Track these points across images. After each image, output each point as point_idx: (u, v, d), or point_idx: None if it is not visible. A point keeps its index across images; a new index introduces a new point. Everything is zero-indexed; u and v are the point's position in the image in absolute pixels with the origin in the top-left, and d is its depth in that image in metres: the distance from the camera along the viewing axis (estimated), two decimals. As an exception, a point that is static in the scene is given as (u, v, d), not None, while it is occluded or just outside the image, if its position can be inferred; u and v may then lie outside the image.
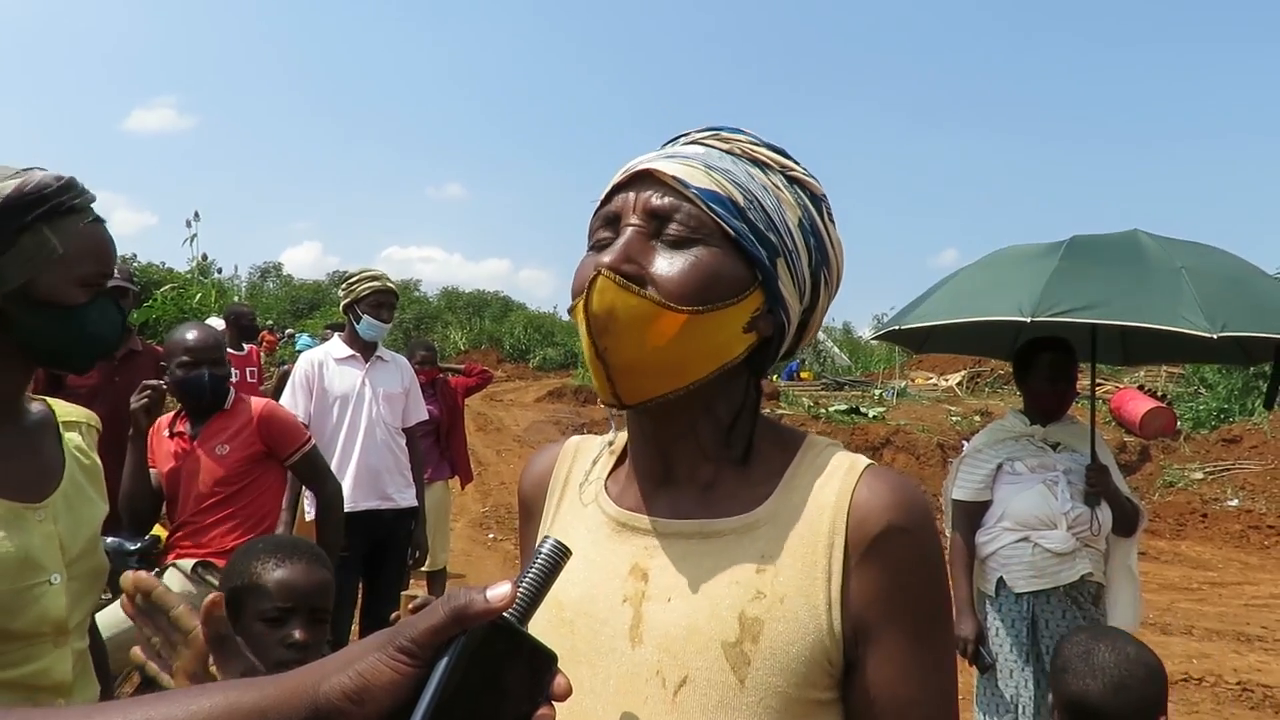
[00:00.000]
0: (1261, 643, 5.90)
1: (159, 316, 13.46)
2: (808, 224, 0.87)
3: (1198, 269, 2.74)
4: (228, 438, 2.93)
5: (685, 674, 0.80)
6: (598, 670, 0.84)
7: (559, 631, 0.87)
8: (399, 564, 4.04)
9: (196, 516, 2.90)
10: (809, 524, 0.83)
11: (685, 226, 0.82)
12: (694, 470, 0.88)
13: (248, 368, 6.12)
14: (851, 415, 13.39)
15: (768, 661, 0.79)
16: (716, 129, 0.89)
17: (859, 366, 24.59)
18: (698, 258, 0.81)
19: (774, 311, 0.86)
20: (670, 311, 0.80)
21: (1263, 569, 8.23)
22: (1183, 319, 2.57)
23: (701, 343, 0.82)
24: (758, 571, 0.82)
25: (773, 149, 0.89)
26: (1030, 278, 2.88)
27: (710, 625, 0.81)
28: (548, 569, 0.62)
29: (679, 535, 0.86)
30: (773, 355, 0.90)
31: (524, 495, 1.03)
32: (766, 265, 0.84)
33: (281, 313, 32.93)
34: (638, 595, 0.85)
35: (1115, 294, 2.72)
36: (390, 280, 4.08)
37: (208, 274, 19.25)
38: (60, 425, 1.44)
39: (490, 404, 16.88)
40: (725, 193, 0.83)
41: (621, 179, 0.87)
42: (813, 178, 0.90)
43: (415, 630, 0.56)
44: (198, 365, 2.88)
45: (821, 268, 0.89)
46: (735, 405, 0.89)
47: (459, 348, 28.10)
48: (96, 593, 1.45)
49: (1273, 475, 10.65)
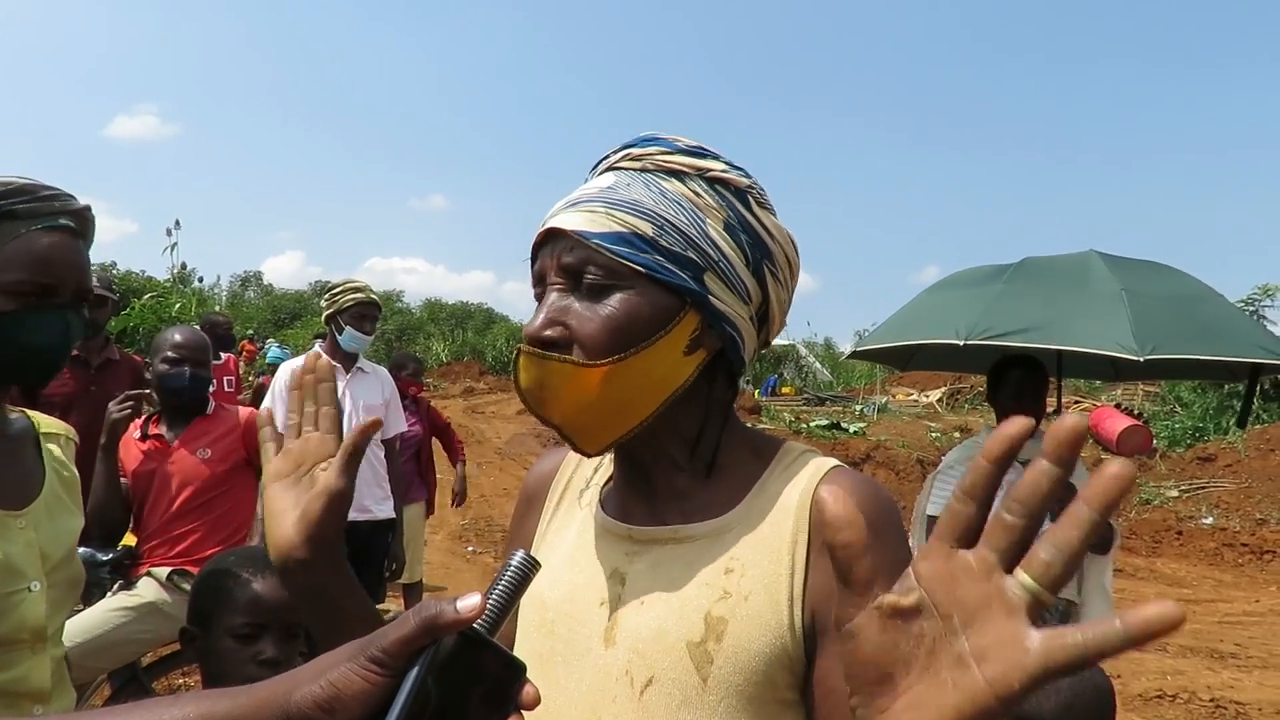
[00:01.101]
0: (1235, 660, 5.95)
1: (137, 325, 13.35)
2: (735, 222, 0.87)
3: (1140, 291, 2.78)
4: (210, 442, 2.91)
5: (652, 674, 0.82)
6: (573, 671, 0.87)
7: (541, 632, 0.90)
8: (375, 576, 4.03)
9: (172, 523, 2.87)
10: (775, 525, 0.85)
11: (598, 277, 0.83)
12: (670, 482, 0.91)
13: (225, 377, 6.09)
14: (832, 430, 13.47)
15: (730, 660, 0.80)
16: (629, 146, 0.90)
17: (840, 382, 24.71)
18: (612, 306, 0.83)
19: (715, 326, 0.86)
20: (591, 369, 0.82)
21: (1236, 586, 8.31)
22: (1114, 342, 2.62)
23: (638, 382, 0.84)
24: (725, 573, 0.84)
25: (688, 152, 0.88)
26: (973, 301, 2.95)
27: (677, 626, 0.83)
28: (517, 581, 0.63)
29: (655, 541, 0.89)
30: (739, 359, 0.90)
31: (528, 489, 1.05)
32: (691, 287, 0.84)
33: (262, 322, 32.77)
34: (614, 599, 0.88)
35: (1052, 317, 2.77)
36: (374, 292, 4.07)
37: (188, 282, 19.17)
38: (41, 436, 1.44)
39: (471, 416, 16.83)
40: (630, 229, 0.83)
41: (538, 238, 0.88)
42: (736, 170, 0.89)
43: (386, 640, 0.57)
44: (181, 363, 2.87)
45: (763, 261, 0.88)
46: (699, 420, 0.90)
47: (441, 359, 28.04)
48: (73, 601, 1.46)
49: (1246, 493, 10.78)
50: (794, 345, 25.95)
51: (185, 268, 19.33)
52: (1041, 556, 0.45)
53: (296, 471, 0.86)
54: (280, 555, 0.83)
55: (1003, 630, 0.46)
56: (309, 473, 0.86)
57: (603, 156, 0.92)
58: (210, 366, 2.97)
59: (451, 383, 24.15)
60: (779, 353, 25.14)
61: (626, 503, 0.93)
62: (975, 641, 0.47)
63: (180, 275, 18.99)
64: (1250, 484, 11.02)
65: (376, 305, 4.05)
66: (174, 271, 18.68)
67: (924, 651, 0.49)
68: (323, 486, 0.83)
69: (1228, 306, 3.00)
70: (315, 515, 0.82)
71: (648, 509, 0.91)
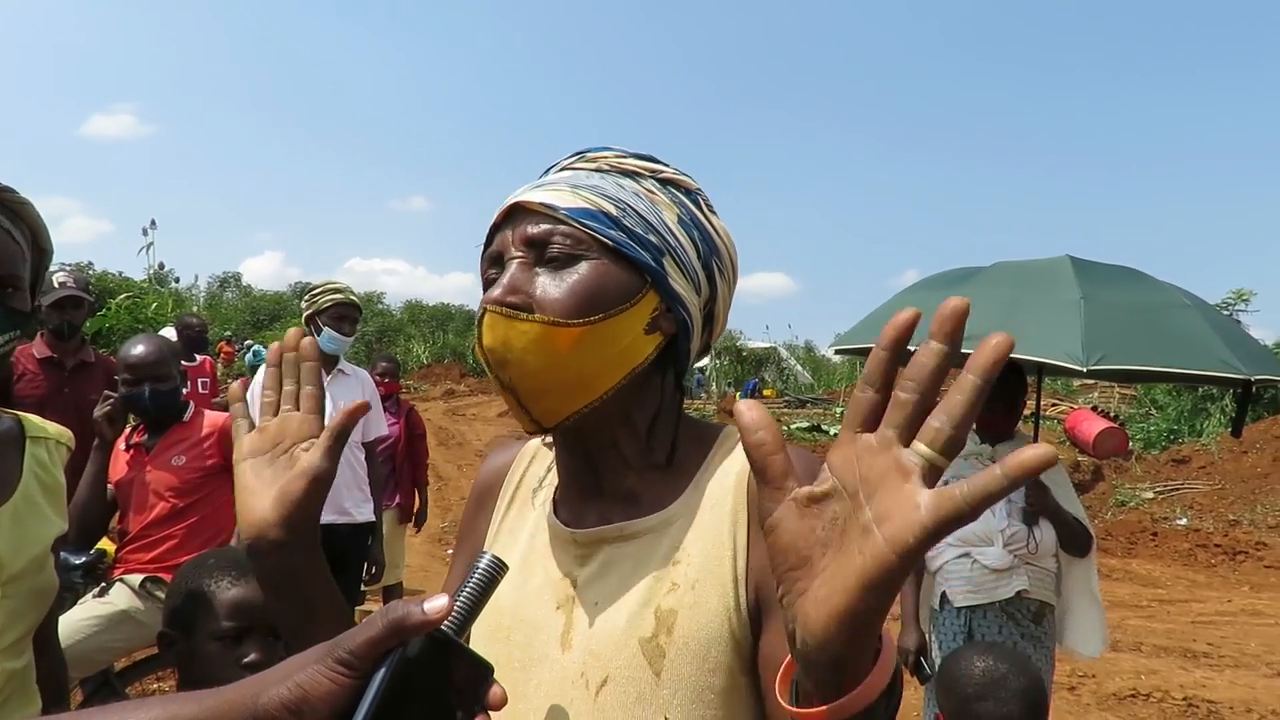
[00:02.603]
0: (1207, 659, 6.03)
1: (113, 326, 13.20)
2: (688, 219, 0.89)
3: (1101, 299, 2.80)
4: (184, 449, 2.90)
5: (606, 674, 0.82)
6: (530, 677, 0.86)
7: (497, 639, 0.89)
8: (354, 579, 4.01)
9: (149, 529, 2.87)
10: (716, 508, 0.85)
11: (564, 247, 0.83)
12: (619, 480, 0.90)
13: (200, 379, 6.03)
14: (813, 432, 13.52)
15: (682, 652, 0.80)
16: (581, 152, 0.92)
17: (821, 384, 24.81)
18: (581, 273, 0.83)
19: (673, 309, 0.87)
20: (562, 328, 0.81)
21: (1209, 586, 8.42)
22: (1061, 351, 2.65)
23: (603, 351, 0.83)
24: (672, 564, 0.84)
25: (640, 157, 0.91)
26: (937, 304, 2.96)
27: (629, 623, 0.83)
28: (484, 583, 0.63)
29: (604, 540, 0.88)
30: (685, 354, 0.91)
31: (480, 486, 1.03)
32: (653, 266, 0.85)
33: (241, 324, 32.49)
34: (569, 602, 0.87)
35: (1008, 323, 2.77)
36: (354, 293, 4.04)
37: (165, 283, 18.97)
38: (28, 440, 1.41)
39: (452, 418, 16.76)
40: (596, 206, 0.84)
41: (497, 218, 0.88)
42: (685, 175, 0.92)
43: (354, 642, 0.57)
44: (139, 382, 2.85)
45: (712, 258, 0.90)
46: (652, 411, 0.90)
47: (422, 361, 27.90)
48: (38, 612, 1.40)
49: (1219, 495, 10.93)
50: (775, 348, 26.03)
51: (162, 268, 19.17)
52: (933, 424, 0.49)
53: (274, 450, 0.84)
54: (255, 533, 0.81)
55: (899, 494, 0.50)
56: (288, 452, 0.84)
57: (554, 163, 0.93)
58: (174, 375, 2.94)
59: (432, 384, 24.03)
60: (760, 355, 25.21)
61: (575, 505, 0.92)
62: (876, 509, 0.51)
63: (157, 276, 18.80)
64: (1223, 486, 11.17)
65: (356, 307, 4.02)
66: (151, 272, 18.49)
67: (837, 531, 0.53)
68: (305, 466, 0.82)
69: (1199, 316, 3.01)
70: (296, 495, 0.81)
71: (598, 509, 0.91)
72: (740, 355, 24.55)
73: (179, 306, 16.29)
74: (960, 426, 0.49)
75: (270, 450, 0.84)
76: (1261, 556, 9.18)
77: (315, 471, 0.81)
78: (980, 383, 0.48)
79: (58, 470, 1.45)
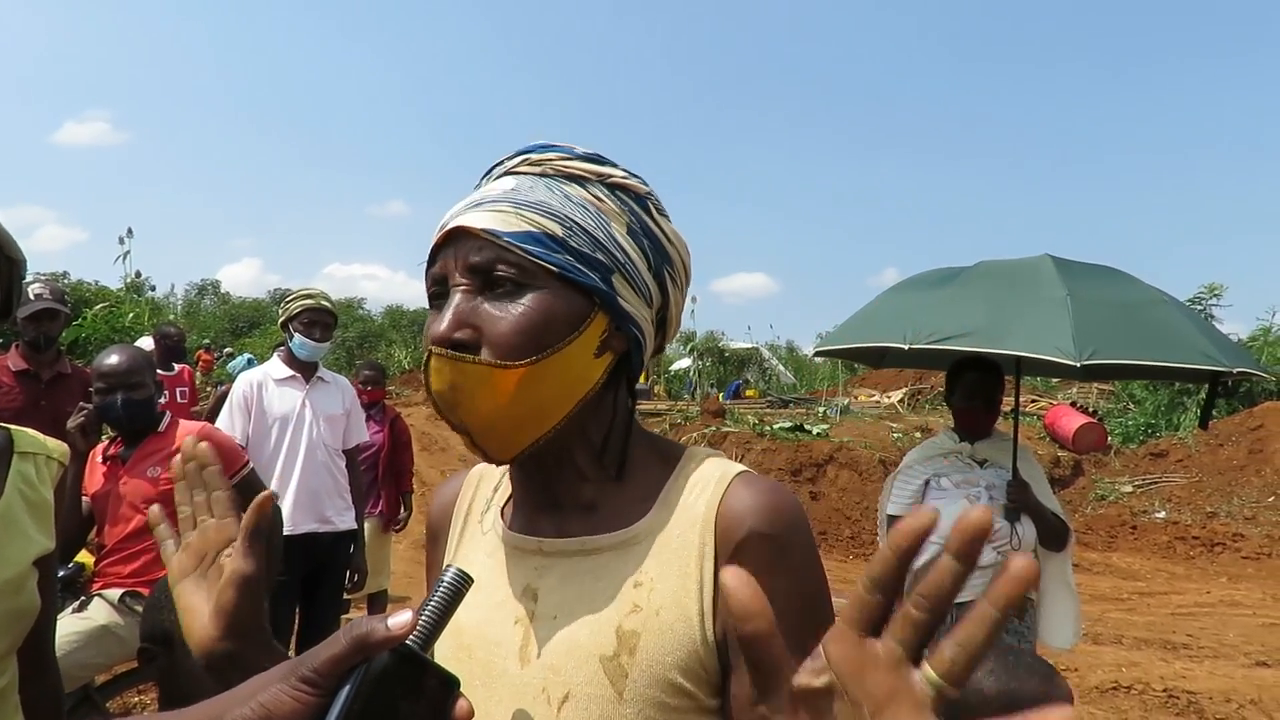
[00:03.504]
0: (1187, 650, 6.10)
1: (89, 336, 13.06)
2: (638, 227, 0.87)
3: (1086, 296, 2.83)
4: (159, 460, 2.87)
5: (568, 690, 0.81)
6: (492, 693, 0.85)
7: (458, 657, 0.88)
8: (337, 588, 3.97)
9: (126, 542, 2.84)
10: (682, 536, 0.84)
11: (508, 276, 0.81)
12: (575, 493, 0.89)
13: (178, 388, 5.96)
14: (796, 433, 13.54)
15: (645, 674, 0.80)
16: (527, 152, 0.88)
17: (803, 384, 24.88)
18: (526, 306, 0.80)
19: (623, 328, 0.86)
20: (510, 369, 0.79)
21: (1188, 579, 8.52)
22: (1053, 347, 2.67)
23: (551, 385, 0.82)
24: (635, 586, 0.83)
25: (587, 159, 0.87)
26: (924, 304, 2.98)
27: (590, 641, 0.82)
28: (449, 597, 0.63)
29: (563, 554, 0.87)
30: (638, 363, 0.90)
31: (431, 522, 1.03)
32: (602, 288, 0.83)
33: (220, 331, 32.20)
34: (527, 616, 0.86)
35: (996, 321, 2.80)
36: (327, 299, 3.99)
37: (141, 292, 18.76)
38: (15, 455, 1.38)
39: (435, 424, 16.67)
40: (540, 229, 0.81)
41: (439, 239, 0.85)
42: (635, 178, 0.89)
43: (317, 660, 0.57)
44: (111, 391, 2.82)
45: (664, 266, 0.89)
46: (606, 424, 0.89)
47: (403, 367, 27.74)
48: (16, 633, 1.36)
49: (1197, 488, 11.06)
50: (757, 348, 26.08)
51: (139, 276, 18.93)
52: (946, 654, 0.46)
53: (201, 564, 0.83)
54: (203, 652, 0.80)
55: None
56: (214, 562, 0.83)
57: (497, 162, 0.90)
58: (148, 384, 2.91)
59: (414, 390, 23.90)
60: (743, 356, 25.24)
61: (531, 516, 0.91)
62: None
63: (133, 284, 18.58)
64: (1200, 478, 11.31)
65: (329, 312, 3.96)
66: (127, 280, 18.27)
67: None
68: (230, 573, 0.80)
69: (1178, 312, 3.05)
70: (229, 605, 0.79)
71: (554, 521, 0.89)
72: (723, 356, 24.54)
73: (156, 315, 16.13)
74: (974, 660, 0.46)
75: (198, 566, 0.83)
76: (1239, 548, 9.30)
77: (241, 577, 0.79)
78: (999, 616, 0.45)
79: (45, 488, 1.42)
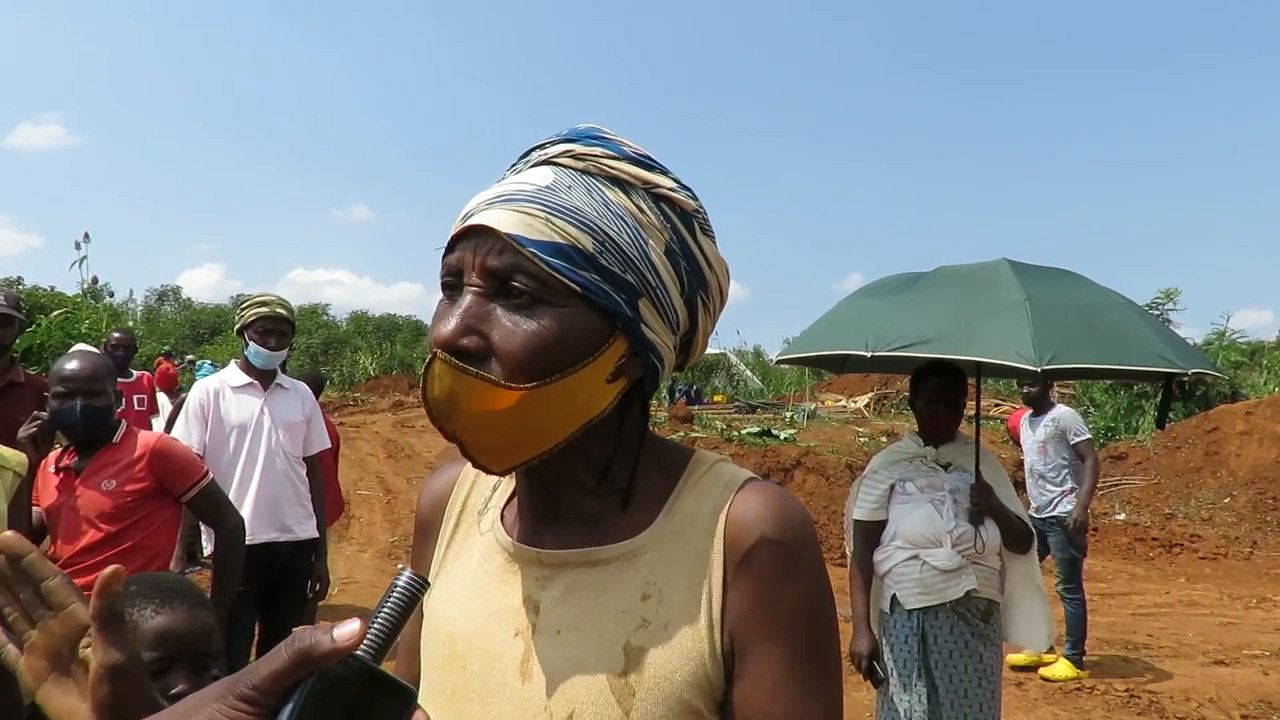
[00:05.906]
0: (1148, 650, 6.19)
1: (44, 342, 12.75)
2: (677, 247, 0.81)
3: (1045, 300, 2.85)
4: (114, 472, 2.79)
5: (572, 709, 0.78)
6: (489, 708, 0.81)
7: (452, 667, 0.84)
8: (298, 597, 3.89)
9: (80, 556, 2.74)
10: (690, 546, 0.81)
11: (527, 288, 0.75)
12: (578, 505, 0.86)
13: (136, 395, 5.83)
14: (763, 438, 13.59)
15: (652, 692, 0.77)
16: (571, 140, 0.81)
17: (771, 389, 25.00)
18: (541, 324, 0.75)
19: (641, 355, 0.81)
20: (514, 390, 0.75)
21: (1148, 579, 8.67)
22: (1013, 352, 2.69)
23: (555, 409, 0.77)
24: (643, 599, 0.80)
25: (636, 161, 0.81)
26: (884, 310, 3.00)
27: (596, 658, 0.79)
28: (403, 604, 0.59)
29: (566, 565, 0.84)
30: (651, 388, 0.86)
31: (421, 514, 0.98)
32: (626, 313, 0.78)
33: (180, 338, 31.65)
34: (529, 629, 0.82)
35: (957, 326, 2.82)
36: (284, 306, 3.90)
37: (99, 298, 18.39)
38: None
39: (401, 431, 16.51)
40: (569, 241, 0.75)
41: (460, 230, 0.79)
42: (684, 189, 0.82)
43: (257, 676, 0.53)
44: (70, 396, 2.73)
45: (698, 291, 0.83)
46: (611, 447, 0.85)
47: (369, 373, 27.44)
48: None
49: (1156, 490, 11.27)
50: (725, 354, 26.18)
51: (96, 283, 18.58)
52: None
53: (58, 664, 0.77)
54: None
55: None
56: (73, 658, 0.77)
57: (537, 144, 0.84)
58: (109, 392, 2.82)
59: (380, 396, 23.65)
60: (710, 361, 25.33)
61: (533, 524, 0.87)
62: None
63: (91, 290, 18.20)
64: (1159, 480, 11.52)
65: (284, 320, 3.86)
66: (84, 286, 17.89)
67: None
68: (98, 667, 0.73)
69: (1134, 315, 3.10)
70: (108, 699, 0.73)
71: (556, 531, 0.86)
72: (675, 373, 24.67)
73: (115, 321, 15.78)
74: None
75: (55, 666, 0.77)
76: (1196, 548, 9.48)
77: (110, 668, 0.73)
78: None
79: (1, 500, 1.37)
